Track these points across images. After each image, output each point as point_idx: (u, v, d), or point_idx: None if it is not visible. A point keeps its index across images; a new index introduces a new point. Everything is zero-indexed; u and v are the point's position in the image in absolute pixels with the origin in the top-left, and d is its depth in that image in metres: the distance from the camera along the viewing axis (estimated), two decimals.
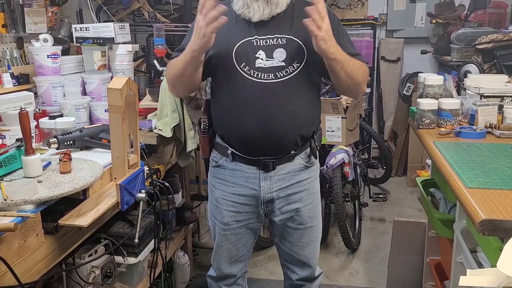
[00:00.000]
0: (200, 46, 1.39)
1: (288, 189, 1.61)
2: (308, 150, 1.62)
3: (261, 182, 1.59)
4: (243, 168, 1.59)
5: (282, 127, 1.51)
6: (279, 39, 1.50)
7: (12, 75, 2.11)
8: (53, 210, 1.35)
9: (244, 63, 1.49)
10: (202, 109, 1.71)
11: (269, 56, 1.49)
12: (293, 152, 1.58)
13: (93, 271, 1.63)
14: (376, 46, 4.43)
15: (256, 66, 1.49)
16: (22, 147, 1.44)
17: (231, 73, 1.51)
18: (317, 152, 1.67)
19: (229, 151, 1.59)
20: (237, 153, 1.58)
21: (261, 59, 1.49)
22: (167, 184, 1.81)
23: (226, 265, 1.75)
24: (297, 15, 1.53)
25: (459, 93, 2.63)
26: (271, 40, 1.50)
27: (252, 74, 1.49)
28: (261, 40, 1.50)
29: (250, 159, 1.58)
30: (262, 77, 1.48)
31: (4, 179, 1.39)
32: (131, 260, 1.75)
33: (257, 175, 1.59)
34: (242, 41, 1.50)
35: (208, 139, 1.66)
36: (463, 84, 2.28)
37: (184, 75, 1.50)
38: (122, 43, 2.39)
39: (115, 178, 1.51)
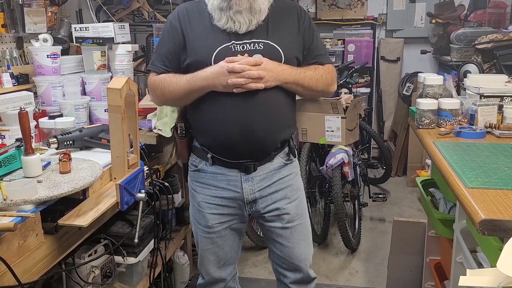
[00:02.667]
0: (219, 88, 1.45)
1: (270, 188, 1.62)
2: (287, 149, 1.66)
3: (243, 184, 1.59)
4: (224, 171, 1.59)
5: (264, 131, 1.52)
6: (257, 44, 1.50)
7: (11, 75, 2.11)
8: (53, 210, 1.35)
9: None
10: (180, 114, 1.71)
11: None
12: (273, 153, 1.61)
13: (92, 271, 1.63)
14: (376, 46, 4.43)
15: None
16: (22, 147, 1.44)
17: None
18: (296, 151, 1.70)
19: (209, 155, 1.59)
20: (218, 157, 1.58)
21: None
22: (166, 184, 1.81)
23: (215, 269, 1.73)
24: (271, 20, 1.54)
25: (459, 93, 2.63)
26: (248, 45, 1.50)
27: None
28: (239, 45, 1.49)
29: (231, 163, 1.58)
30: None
31: (4, 179, 1.39)
32: (131, 260, 1.75)
33: (239, 178, 1.59)
34: (220, 48, 1.49)
35: (186, 143, 1.67)
36: (463, 84, 2.28)
37: (185, 99, 1.56)
38: (122, 43, 2.39)
39: (115, 178, 1.51)
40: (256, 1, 1.47)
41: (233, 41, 1.49)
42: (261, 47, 1.50)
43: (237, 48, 1.49)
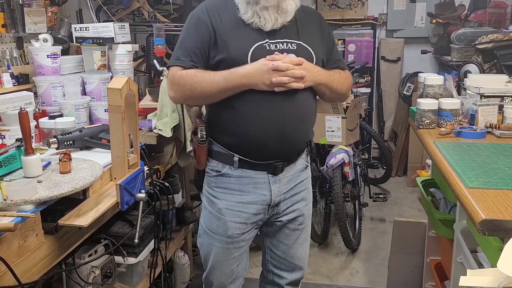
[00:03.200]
0: (261, 86, 1.42)
1: (293, 190, 1.62)
2: (307, 150, 1.66)
3: (271, 186, 1.57)
4: (251, 174, 1.54)
5: (297, 131, 1.53)
6: (290, 44, 1.49)
7: (12, 75, 2.11)
8: (53, 210, 1.35)
9: None
10: (196, 117, 1.64)
11: None
12: (299, 153, 1.62)
13: (93, 271, 1.63)
14: (376, 46, 4.43)
15: None
16: (22, 147, 1.44)
17: None
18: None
19: (235, 158, 1.53)
20: (246, 159, 1.53)
21: None
22: (167, 184, 1.81)
23: (227, 283, 1.68)
24: (300, 22, 1.54)
25: (459, 93, 2.63)
26: (281, 44, 1.48)
27: None
28: (272, 45, 1.47)
29: (259, 164, 1.53)
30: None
31: (4, 179, 1.39)
32: (131, 260, 1.75)
33: (266, 180, 1.56)
34: (255, 45, 1.46)
35: (205, 148, 1.58)
36: (463, 84, 2.28)
37: (215, 97, 1.48)
38: (122, 43, 2.39)
39: (115, 178, 1.51)
40: (285, 1, 1.46)
41: (267, 40, 1.47)
42: (294, 47, 1.49)
43: (271, 47, 1.47)
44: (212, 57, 1.49)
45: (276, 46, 1.47)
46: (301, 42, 1.51)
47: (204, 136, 1.55)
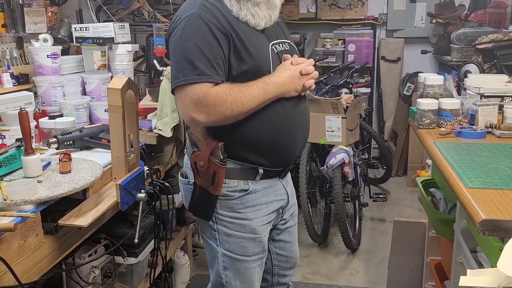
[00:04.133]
0: (292, 93, 1.38)
1: (291, 187, 1.63)
2: None
3: (286, 189, 1.55)
4: (270, 183, 1.47)
5: (308, 134, 1.53)
6: (285, 44, 1.47)
7: (12, 75, 2.11)
8: (53, 210, 1.35)
9: None
10: (204, 137, 1.40)
11: None
12: None
13: (93, 271, 1.63)
14: (376, 46, 4.43)
15: None
16: (22, 147, 1.44)
17: None
18: None
19: (260, 170, 1.42)
20: (269, 169, 1.44)
21: None
22: (167, 184, 1.81)
23: None
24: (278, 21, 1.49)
25: (459, 93, 2.63)
26: (279, 45, 1.45)
27: None
28: (274, 46, 1.43)
29: (276, 171, 1.48)
30: None
31: (4, 179, 1.39)
32: (131, 260, 1.75)
33: (282, 184, 1.53)
34: (270, 50, 1.40)
35: (225, 169, 1.39)
36: (463, 84, 2.28)
37: (250, 112, 1.33)
38: (122, 43, 2.39)
39: (115, 178, 1.50)
40: None
41: (271, 42, 1.41)
42: (288, 48, 1.47)
43: (276, 49, 1.42)
44: (235, 67, 1.33)
45: (276, 48, 1.43)
46: (289, 41, 1.50)
47: (224, 155, 1.38)
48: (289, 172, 1.60)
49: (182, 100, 1.31)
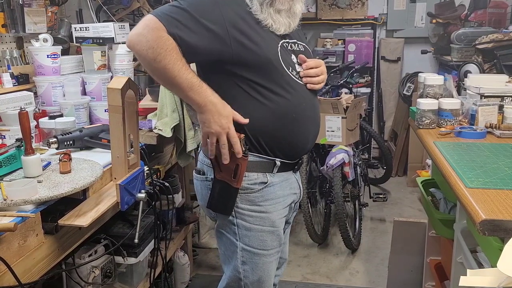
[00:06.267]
0: (210, 122, 1.33)
1: None
2: None
3: (299, 182, 1.57)
4: (285, 176, 1.49)
5: (318, 129, 1.56)
6: (299, 45, 1.50)
7: (12, 75, 2.11)
8: (53, 210, 1.34)
9: (290, 67, 1.42)
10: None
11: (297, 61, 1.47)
12: None
13: (93, 271, 1.63)
14: (376, 46, 4.43)
15: (297, 70, 1.44)
16: (22, 147, 1.44)
17: (283, 78, 1.39)
18: None
19: (278, 162, 1.44)
20: (286, 161, 1.46)
21: (296, 63, 1.45)
22: (167, 184, 1.81)
23: None
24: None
25: (459, 93, 2.63)
26: (294, 45, 1.47)
27: (298, 78, 1.44)
28: (288, 45, 1.45)
29: (291, 164, 1.49)
30: (302, 82, 1.46)
31: (4, 179, 1.39)
32: (131, 260, 1.75)
33: (295, 178, 1.55)
34: (279, 45, 1.40)
35: (247, 161, 1.39)
36: (463, 84, 2.28)
37: (169, 89, 1.46)
38: (122, 43, 2.39)
39: (115, 178, 1.51)
40: (296, 4, 1.42)
41: (283, 40, 1.43)
42: (302, 49, 1.50)
43: (289, 47, 1.45)
44: (236, 53, 1.32)
45: (291, 47, 1.46)
46: (305, 44, 1.53)
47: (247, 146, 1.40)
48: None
49: (144, 21, 1.27)
